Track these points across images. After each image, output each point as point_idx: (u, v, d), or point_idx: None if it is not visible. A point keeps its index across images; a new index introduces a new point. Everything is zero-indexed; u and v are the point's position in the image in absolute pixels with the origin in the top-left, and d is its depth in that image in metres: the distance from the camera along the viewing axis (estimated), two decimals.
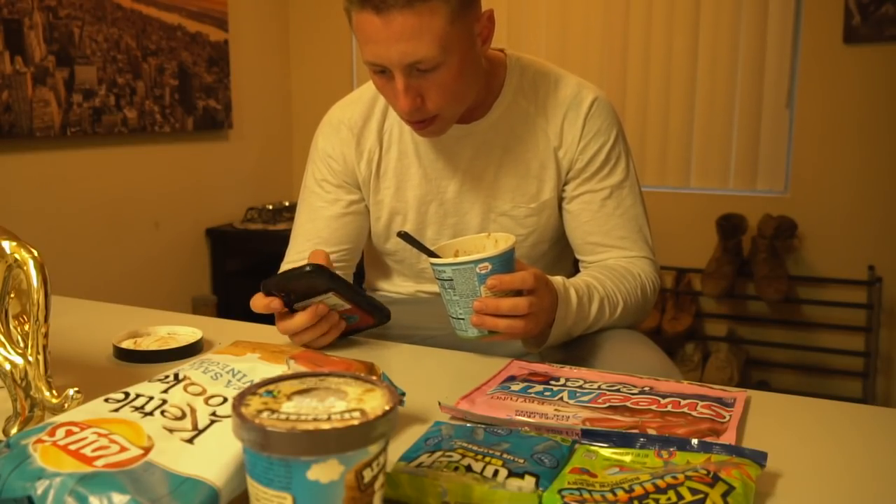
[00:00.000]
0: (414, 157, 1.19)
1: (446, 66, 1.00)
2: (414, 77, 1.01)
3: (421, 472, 0.60)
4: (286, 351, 0.76)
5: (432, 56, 0.98)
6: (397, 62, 0.99)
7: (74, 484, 0.50)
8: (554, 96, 1.16)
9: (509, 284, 0.92)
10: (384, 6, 0.95)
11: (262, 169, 3.37)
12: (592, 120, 1.15)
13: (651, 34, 2.87)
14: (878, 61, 2.57)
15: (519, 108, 1.17)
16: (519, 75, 1.17)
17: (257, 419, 0.45)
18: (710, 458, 0.62)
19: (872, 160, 2.63)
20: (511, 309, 0.92)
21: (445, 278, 0.93)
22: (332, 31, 3.41)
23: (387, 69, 1.01)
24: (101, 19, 2.57)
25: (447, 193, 1.19)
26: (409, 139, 1.18)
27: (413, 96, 1.02)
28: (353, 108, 1.21)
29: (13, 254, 0.68)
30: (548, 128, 1.16)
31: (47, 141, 2.45)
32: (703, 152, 2.88)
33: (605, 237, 1.16)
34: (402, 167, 1.19)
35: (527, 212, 1.18)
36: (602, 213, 1.16)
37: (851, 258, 2.68)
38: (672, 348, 2.84)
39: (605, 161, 1.16)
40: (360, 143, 1.20)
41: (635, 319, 1.14)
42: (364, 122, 1.20)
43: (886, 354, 2.71)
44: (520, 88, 1.17)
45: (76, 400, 0.67)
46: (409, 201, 1.20)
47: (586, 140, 1.15)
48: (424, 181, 1.19)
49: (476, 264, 0.91)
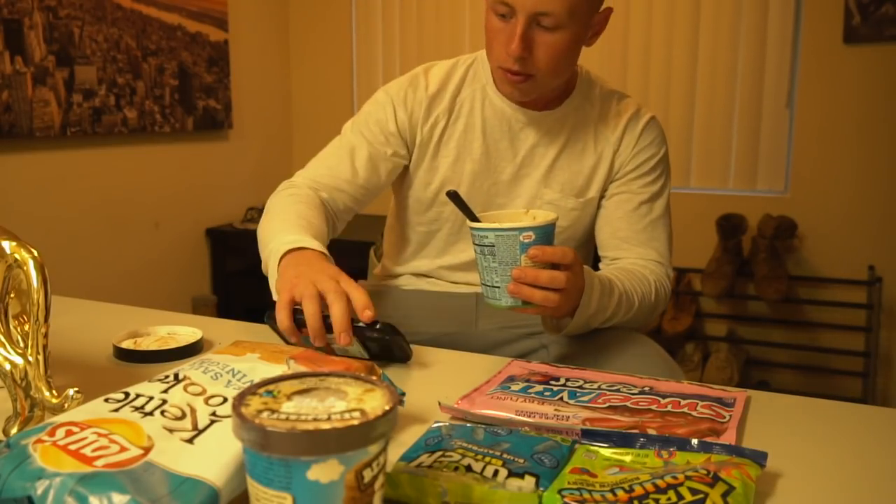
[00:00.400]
0: (479, 133, 1.21)
1: (564, 30, 1.05)
2: (532, 29, 1.05)
3: (421, 472, 0.60)
4: (286, 351, 0.76)
5: (560, 13, 1.03)
6: (528, 7, 1.03)
7: (74, 484, 0.50)
8: (616, 110, 1.23)
9: (551, 256, 0.92)
10: None
11: (262, 169, 3.37)
12: (648, 132, 1.22)
13: (651, 34, 2.87)
14: (878, 61, 2.57)
15: (584, 112, 1.22)
16: (588, 86, 1.24)
17: (257, 419, 0.45)
18: (710, 458, 0.62)
19: (872, 160, 2.63)
20: (549, 281, 0.92)
21: (487, 244, 0.93)
22: (332, 31, 3.41)
23: (513, 11, 1.04)
24: (101, 19, 2.57)
25: (503, 175, 1.22)
26: (478, 114, 1.21)
27: (525, 46, 1.05)
28: (432, 72, 1.24)
29: (13, 254, 0.68)
30: (608, 133, 1.22)
31: (47, 141, 2.45)
32: (703, 152, 2.88)
33: (632, 234, 1.20)
34: (466, 140, 1.21)
35: (573, 205, 1.22)
36: (635, 214, 1.20)
37: (851, 258, 2.68)
38: (672, 348, 2.84)
39: (650, 170, 1.21)
40: (431, 107, 1.22)
41: (644, 321, 1.17)
42: (439, 89, 1.22)
43: (886, 354, 2.71)
44: (587, 97, 1.23)
45: (76, 400, 0.67)
46: (465, 174, 1.21)
47: (640, 147, 1.21)
48: (484, 158, 1.21)
49: (521, 232, 0.91)
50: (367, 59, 3.38)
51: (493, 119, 1.21)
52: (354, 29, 3.39)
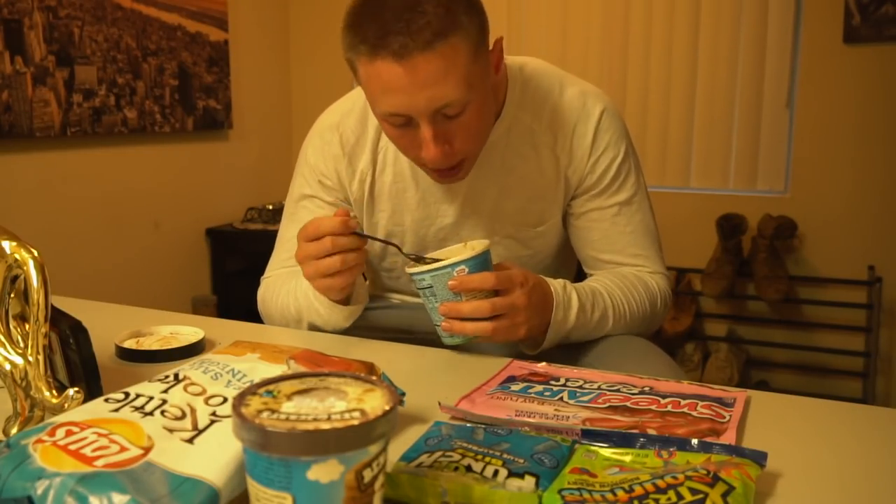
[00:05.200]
0: (411, 181, 1.13)
1: (472, 105, 0.95)
2: (440, 123, 0.94)
3: (421, 472, 0.60)
4: (286, 351, 0.76)
5: (460, 97, 0.92)
6: (424, 109, 0.92)
7: (74, 484, 0.50)
8: (560, 109, 1.10)
9: (469, 283, 0.91)
10: (405, 51, 0.88)
11: (262, 169, 3.37)
12: (602, 134, 1.09)
13: (651, 34, 2.87)
14: (878, 61, 2.57)
15: (522, 125, 1.10)
16: (521, 89, 1.10)
17: (257, 419, 0.45)
18: (710, 458, 0.62)
19: (872, 160, 2.63)
20: (472, 311, 0.91)
21: (426, 286, 0.94)
22: (332, 31, 3.38)
23: (410, 119, 0.94)
24: (101, 19, 2.57)
25: (446, 218, 1.14)
26: (404, 160, 1.10)
27: (442, 143, 0.95)
28: (346, 122, 1.14)
29: (13, 254, 0.68)
30: (555, 145, 1.10)
31: (47, 141, 2.45)
32: (703, 152, 2.88)
33: (616, 255, 1.12)
34: (397, 190, 1.13)
35: (533, 234, 1.14)
36: (613, 230, 1.11)
37: (851, 258, 2.68)
38: (672, 348, 2.84)
39: (615, 177, 1.11)
40: (353, 162, 1.13)
41: (642, 331, 1.11)
42: (357, 140, 1.13)
43: (886, 354, 2.71)
44: (522, 103, 1.10)
45: (76, 400, 0.67)
46: (407, 225, 1.15)
47: (596, 156, 1.10)
48: (422, 205, 1.13)
49: (453, 268, 0.92)
50: None
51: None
52: None
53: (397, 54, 0.88)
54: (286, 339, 1.06)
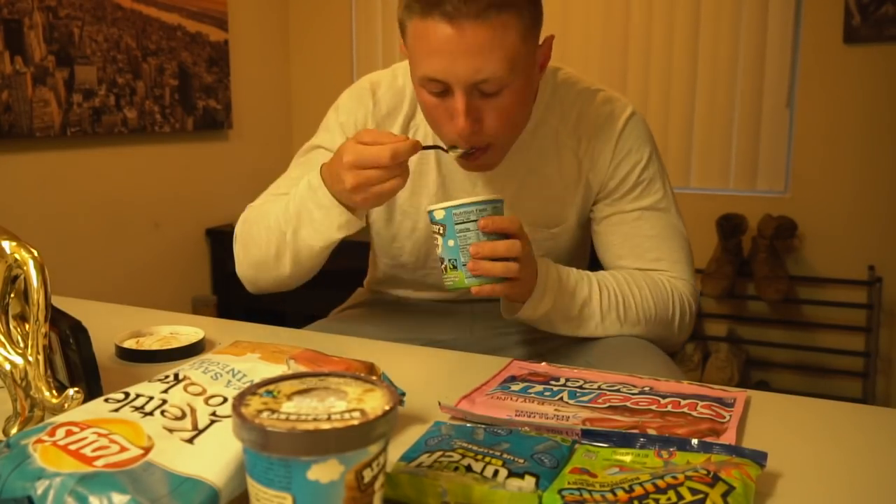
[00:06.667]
0: (434, 164, 1.12)
1: (510, 88, 0.93)
2: (475, 97, 0.93)
3: (421, 472, 0.60)
4: (286, 351, 0.76)
5: (501, 75, 0.91)
6: (463, 78, 0.90)
7: (74, 484, 0.50)
8: (585, 113, 1.09)
9: (500, 223, 0.90)
10: (457, 14, 0.87)
11: (262, 169, 3.35)
12: (625, 138, 1.09)
13: (651, 34, 2.87)
14: (879, 61, 2.57)
15: (548, 127, 1.09)
16: (551, 91, 1.10)
17: (257, 419, 0.45)
18: (710, 458, 0.62)
19: (873, 160, 2.63)
20: (507, 250, 0.90)
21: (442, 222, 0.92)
22: (332, 31, 3.41)
23: (447, 87, 0.93)
24: (101, 19, 2.57)
25: None
26: (431, 142, 1.09)
27: (473, 119, 0.94)
28: (384, 92, 1.13)
29: (13, 254, 0.68)
30: (578, 148, 1.09)
31: (47, 141, 2.45)
32: (703, 152, 2.88)
33: (637, 259, 1.10)
34: (419, 171, 1.12)
35: (545, 235, 1.12)
36: (634, 235, 1.09)
37: (851, 258, 2.68)
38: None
39: (636, 182, 1.09)
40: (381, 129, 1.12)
41: (659, 336, 1.08)
42: (388, 112, 1.12)
43: (886, 354, 2.71)
44: (551, 105, 1.10)
45: (76, 400, 0.67)
46: (422, 208, 1.13)
47: (618, 160, 1.09)
48: (441, 191, 1.12)
49: (474, 206, 0.91)
50: (367, 59, 3.38)
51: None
52: (354, 29, 3.39)
53: (449, 15, 0.88)
54: (286, 339, 1.06)
